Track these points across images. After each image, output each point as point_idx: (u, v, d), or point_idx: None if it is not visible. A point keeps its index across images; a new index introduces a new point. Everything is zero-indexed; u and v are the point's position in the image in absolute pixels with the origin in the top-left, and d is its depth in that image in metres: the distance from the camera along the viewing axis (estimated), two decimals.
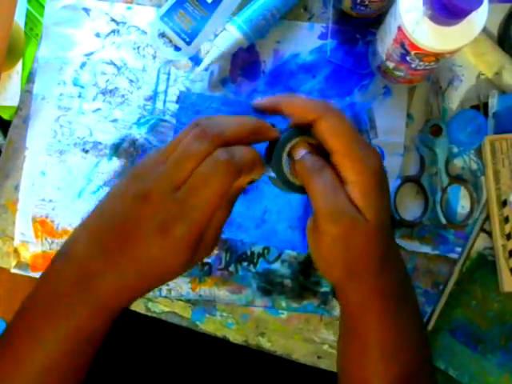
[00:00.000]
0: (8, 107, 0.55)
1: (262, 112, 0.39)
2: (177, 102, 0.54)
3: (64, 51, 0.54)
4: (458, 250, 0.52)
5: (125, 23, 0.55)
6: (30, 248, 0.53)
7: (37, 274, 0.53)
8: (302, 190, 0.37)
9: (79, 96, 0.54)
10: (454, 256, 0.52)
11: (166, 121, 0.54)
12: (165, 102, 0.54)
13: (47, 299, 0.35)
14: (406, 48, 0.44)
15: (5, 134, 0.54)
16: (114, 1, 0.55)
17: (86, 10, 0.55)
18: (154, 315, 0.52)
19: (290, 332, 0.52)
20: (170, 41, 0.54)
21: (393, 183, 0.52)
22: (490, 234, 0.52)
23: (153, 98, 0.54)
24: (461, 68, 0.54)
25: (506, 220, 0.50)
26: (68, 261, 0.35)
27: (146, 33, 0.54)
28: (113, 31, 0.55)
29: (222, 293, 0.52)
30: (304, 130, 0.37)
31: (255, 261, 0.52)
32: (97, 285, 0.34)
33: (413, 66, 0.46)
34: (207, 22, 0.52)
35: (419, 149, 0.53)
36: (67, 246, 0.36)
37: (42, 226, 0.53)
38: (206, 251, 0.35)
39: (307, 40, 0.54)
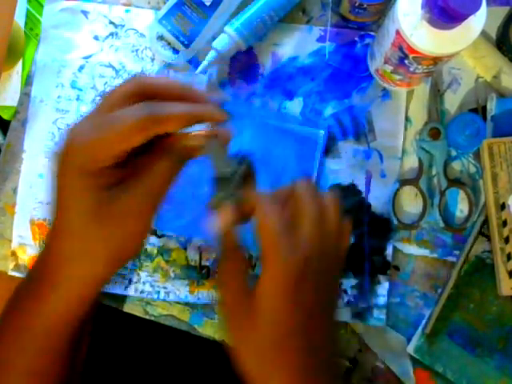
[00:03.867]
0: (8, 107, 0.55)
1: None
2: None
3: (62, 54, 0.54)
4: (457, 253, 0.52)
5: (123, 26, 0.55)
6: (28, 251, 0.53)
7: None
8: None
9: (77, 99, 0.54)
10: (452, 259, 0.52)
11: None
12: None
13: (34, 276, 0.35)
14: (404, 51, 0.44)
15: (4, 134, 0.54)
16: (112, 3, 0.55)
17: (85, 13, 0.55)
18: (152, 318, 0.52)
19: None
20: (169, 43, 0.54)
21: (391, 186, 0.52)
22: (488, 237, 0.52)
23: None
24: (459, 71, 0.54)
25: (505, 223, 0.50)
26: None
27: (144, 35, 0.54)
28: (111, 34, 0.54)
29: None
30: None
31: (253, 264, 0.52)
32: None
33: (411, 69, 0.46)
34: (206, 25, 0.52)
35: (418, 152, 0.53)
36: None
37: (40, 228, 0.53)
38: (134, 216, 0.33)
39: (306, 43, 0.54)
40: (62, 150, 0.32)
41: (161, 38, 0.54)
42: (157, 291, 0.52)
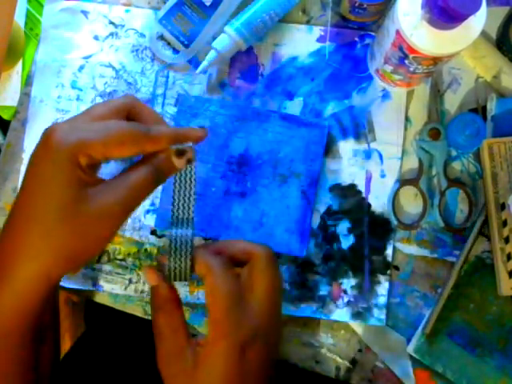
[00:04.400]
0: (8, 107, 0.55)
1: None
2: (175, 105, 0.54)
3: (62, 54, 0.54)
4: (457, 253, 0.52)
5: (123, 26, 0.55)
6: None
7: None
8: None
9: (77, 99, 0.54)
10: (452, 259, 0.52)
11: None
12: (163, 104, 0.54)
13: None
14: (404, 51, 0.44)
15: (4, 134, 0.54)
16: (112, 3, 0.55)
17: (85, 13, 0.55)
18: None
19: (287, 335, 0.52)
20: (169, 43, 0.54)
21: (391, 186, 0.52)
22: (488, 237, 0.52)
23: (151, 100, 0.54)
24: (459, 71, 0.54)
25: (505, 223, 0.50)
26: None
27: (144, 35, 0.54)
28: (111, 34, 0.54)
29: None
30: None
31: None
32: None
33: (411, 69, 0.46)
34: (206, 25, 0.52)
35: (418, 152, 0.53)
36: None
37: None
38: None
39: (306, 43, 0.54)
40: (49, 140, 0.32)
41: (161, 37, 0.54)
42: None
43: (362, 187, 0.53)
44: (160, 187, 0.52)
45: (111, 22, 0.55)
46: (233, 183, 0.52)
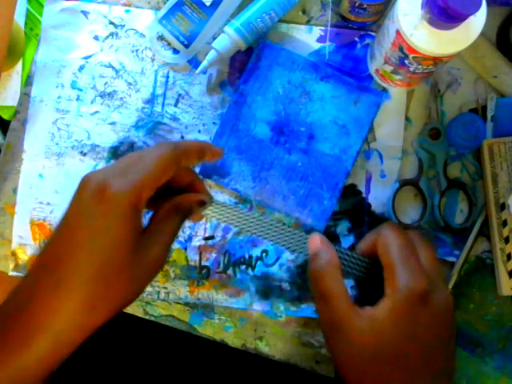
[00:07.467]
0: (8, 107, 0.55)
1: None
2: (175, 105, 0.54)
3: (62, 54, 0.54)
4: (457, 253, 0.52)
5: (123, 26, 0.55)
6: (28, 251, 0.53)
7: None
8: None
9: (77, 99, 0.54)
10: (452, 259, 0.52)
11: (164, 124, 0.53)
12: (163, 104, 0.54)
13: None
14: (404, 52, 0.44)
15: (4, 134, 0.54)
16: (112, 4, 0.55)
17: (85, 13, 0.55)
18: (152, 319, 0.52)
19: (288, 336, 0.52)
20: (169, 44, 0.54)
21: (391, 186, 0.52)
22: (488, 237, 0.52)
23: (151, 100, 0.54)
24: (459, 71, 0.54)
25: (505, 223, 0.50)
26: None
27: (144, 36, 0.54)
28: (111, 34, 0.54)
29: (220, 296, 0.52)
30: None
31: (253, 264, 0.52)
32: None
33: (411, 69, 0.46)
34: (206, 25, 0.52)
35: (418, 152, 0.53)
36: None
37: (40, 228, 0.53)
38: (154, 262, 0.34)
39: (306, 43, 0.54)
40: (106, 194, 0.31)
41: (161, 38, 0.54)
42: (157, 291, 0.52)
43: (362, 187, 0.53)
44: None
45: (111, 22, 0.55)
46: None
